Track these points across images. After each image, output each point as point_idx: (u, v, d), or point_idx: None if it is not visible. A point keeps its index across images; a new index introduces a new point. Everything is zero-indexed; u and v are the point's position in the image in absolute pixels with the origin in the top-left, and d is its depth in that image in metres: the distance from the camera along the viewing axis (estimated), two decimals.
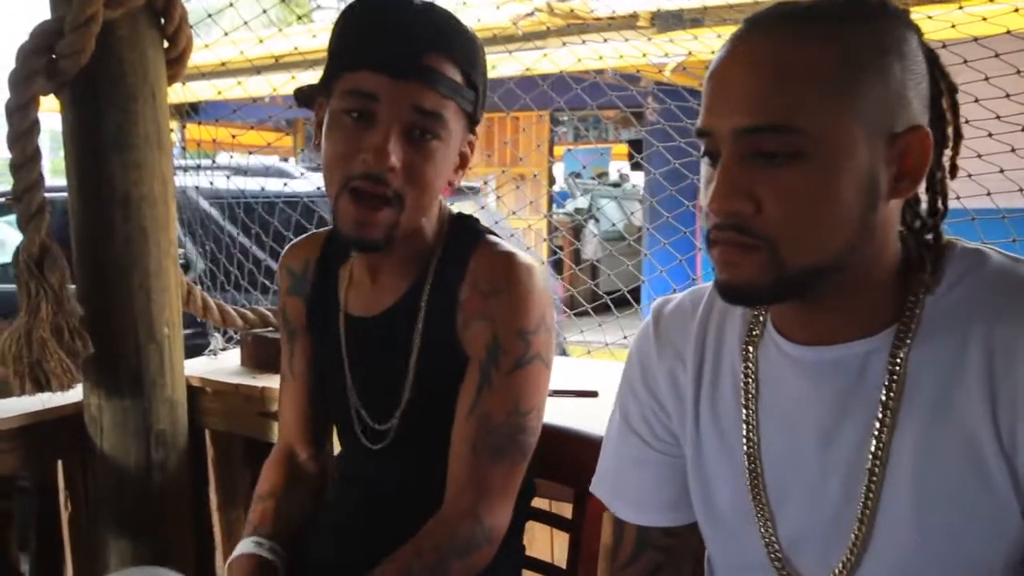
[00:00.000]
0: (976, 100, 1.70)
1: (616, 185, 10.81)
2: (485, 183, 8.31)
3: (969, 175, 2.07)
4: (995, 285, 0.76)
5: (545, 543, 1.60)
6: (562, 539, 1.32)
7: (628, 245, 4.65)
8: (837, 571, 0.81)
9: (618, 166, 12.02)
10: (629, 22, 5.24)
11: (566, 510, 1.30)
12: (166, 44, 1.68)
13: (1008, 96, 1.73)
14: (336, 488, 1.30)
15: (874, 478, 0.78)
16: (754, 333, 0.88)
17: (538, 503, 1.31)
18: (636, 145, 8.92)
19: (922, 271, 0.78)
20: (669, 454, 0.96)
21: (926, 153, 0.74)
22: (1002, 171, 1.79)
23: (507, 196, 7.48)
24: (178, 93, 1.84)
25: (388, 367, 1.18)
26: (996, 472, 0.73)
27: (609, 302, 2.26)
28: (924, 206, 0.82)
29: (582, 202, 9.74)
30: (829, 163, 0.71)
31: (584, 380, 1.79)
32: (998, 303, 0.74)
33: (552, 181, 9.38)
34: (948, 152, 0.79)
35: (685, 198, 2.75)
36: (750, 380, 0.87)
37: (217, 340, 2.06)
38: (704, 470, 0.92)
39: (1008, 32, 1.82)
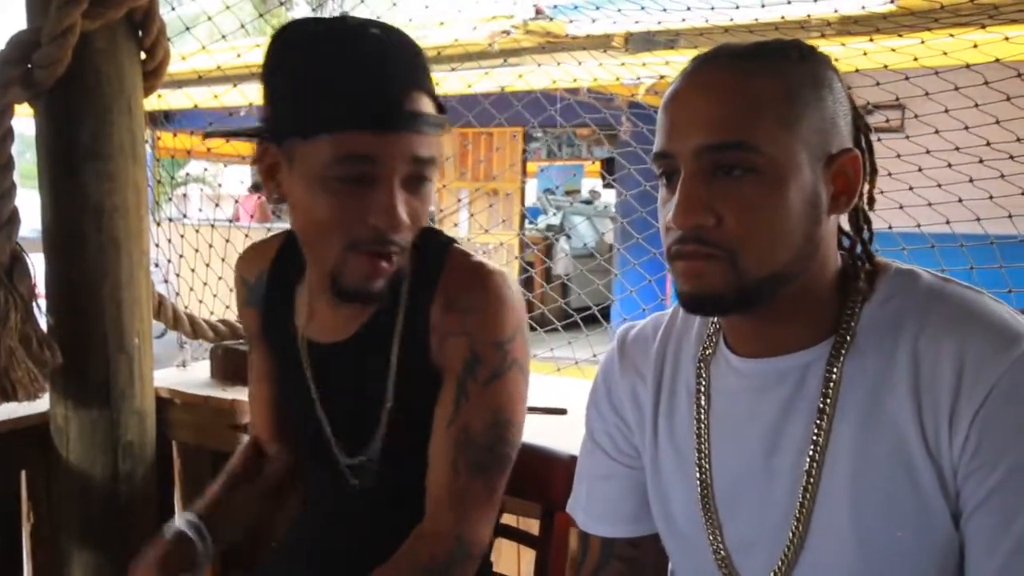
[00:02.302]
0: (936, 131, 1.75)
1: (588, 203, 10.88)
2: (459, 200, 8.36)
3: (929, 204, 2.14)
4: (923, 300, 0.82)
5: (512, 559, 1.61)
6: (528, 555, 1.34)
7: (599, 264, 4.68)
8: (776, 570, 0.86)
9: (591, 184, 12.10)
10: (603, 42, 5.30)
11: (533, 526, 1.32)
12: (143, 56, 1.68)
13: (967, 128, 1.79)
14: (304, 519, 1.27)
15: (811, 479, 0.83)
16: (707, 351, 0.94)
17: (505, 519, 1.32)
18: (609, 163, 9.00)
19: (856, 288, 0.84)
20: (632, 467, 1.01)
21: (858, 172, 0.83)
22: (960, 200, 1.85)
23: (480, 213, 7.51)
24: (151, 101, 1.83)
25: (361, 396, 1.14)
26: (924, 475, 0.78)
27: (579, 320, 2.28)
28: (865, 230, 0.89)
29: (554, 219, 9.79)
30: (779, 180, 0.79)
31: (553, 398, 1.80)
32: (924, 316, 0.80)
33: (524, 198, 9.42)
34: (866, 185, 0.87)
35: (655, 219, 2.79)
36: (702, 395, 0.93)
37: (187, 351, 2.05)
38: (661, 482, 0.97)
39: (967, 66, 1.89)
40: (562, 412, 1.73)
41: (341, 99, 0.97)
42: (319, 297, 1.16)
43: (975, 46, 1.89)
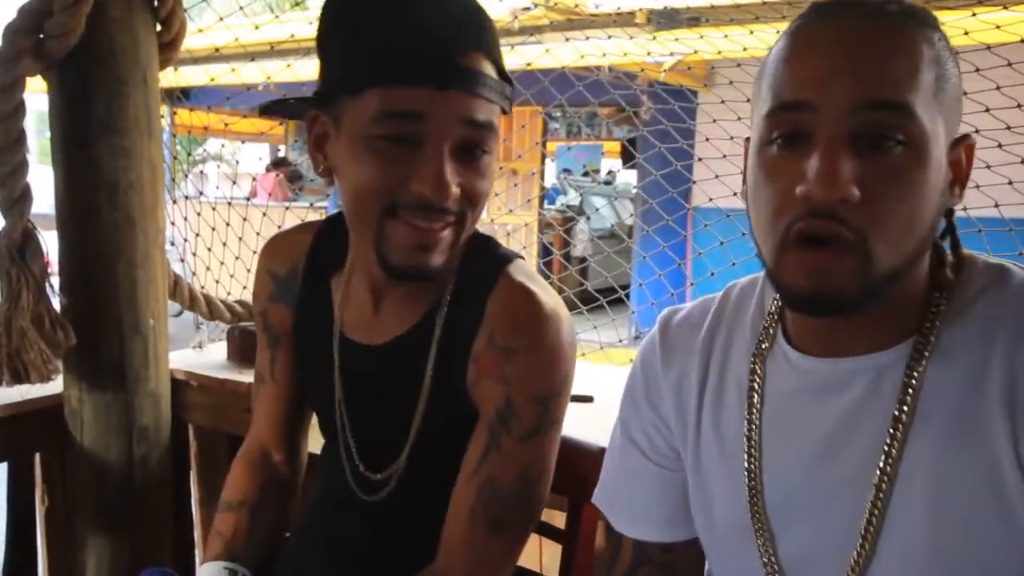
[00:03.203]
0: (987, 110, 1.67)
1: (608, 183, 10.78)
2: None
3: (977, 186, 2.06)
4: (1019, 300, 0.73)
5: (534, 553, 1.56)
6: (551, 548, 1.29)
7: (619, 243, 4.62)
8: None
9: (610, 164, 12.00)
10: (626, 19, 5.21)
11: (557, 518, 1.27)
12: (159, 27, 1.63)
13: (1020, 106, 1.71)
14: (327, 519, 1.19)
15: (881, 494, 0.74)
16: (763, 346, 0.85)
17: None
18: (630, 143, 8.89)
19: (945, 283, 0.76)
20: (669, 468, 0.94)
21: (971, 163, 0.75)
22: (1011, 183, 1.77)
23: (502, 193, 7.45)
24: (168, 77, 1.78)
25: (391, 408, 1.07)
26: (1016, 498, 0.70)
27: (604, 303, 2.22)
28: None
29: (574, 199, 9.71)
30: (925, 157, 0.69)
31: (578, 384, 1.75)
32: (1021, 322, 0.71)
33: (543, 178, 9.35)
34: None
35: (680, 199, 2.74)
36: (755, 393, 0.84)
37: (203, 332, 2.01)
38: (705, 485, 0.89)
39: (1022, 40, 1.80)
40: (588, 400, 1.67)
41: (391, 52, 0.90)
42: (362, 290, 1.08)
43: (966, 33, 1.79)
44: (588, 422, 1.28)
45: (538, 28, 5.15)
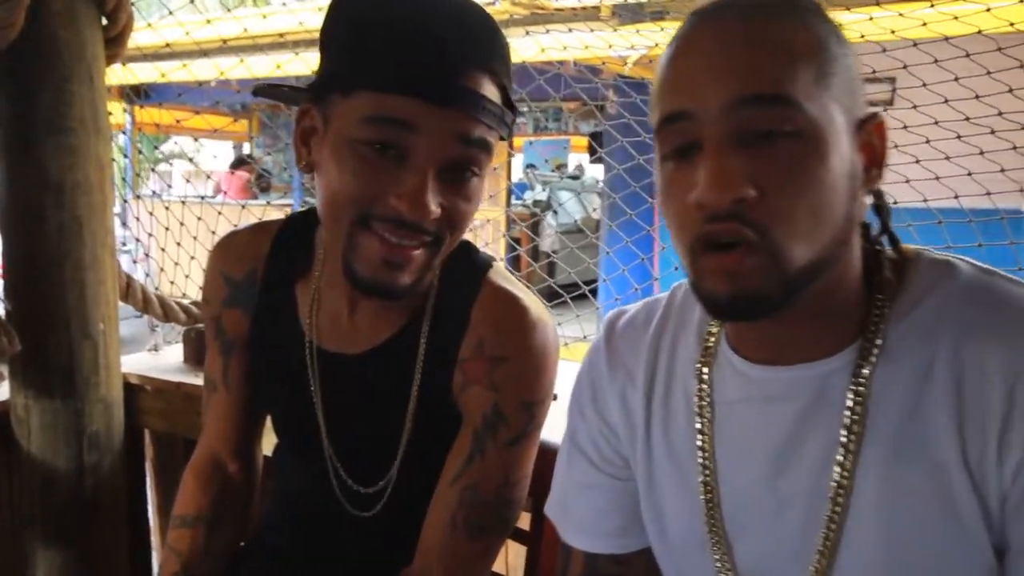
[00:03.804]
0: (946, 101, 1.67)
1: (575, 178, 10.79)
2: None
3: (937, 177, 2.07)
4: (964, 299, 0.70)
5: (500, 554, 1.54)
6: (517, 549, 1.27)
7: (587, 240, 4.61)
8: None
9: (578, 159, 12.00)
10: (591, 13, 5.20)
11: (523, 520, 1.24)
12: (104, 22, 1.57)
13: (978, 97, 1.71)
14: (286, 532, 1.15)
15: (837, 507, 0.72)
16: (708, 352, 0.82)
17: None
18: (595, 138, 8.90)
19: (886, 285, 0.73)
20: (619, 477, 0.90)
21: (884, 141, 0.72)
22: (970, 174, 1.78)
23: None
24: (127, 75, 1.73)
25: (377, 419, 1.04)
26: (965, 505, 0.68)
27: (568, 300, 2.21)
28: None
29: (541, 194, 9.70)
30: (821, 144, 0.67)
31: None
32: (967, 318, 0.69)
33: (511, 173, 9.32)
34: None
35: (646, 194, 2.73)
36: (704, 403, 0.81)
37: (158, 335, 1.96)
38: (657, 496, 0.86)
39: (979, 32, 1.81)
40: (552, 398, 1.65)
41: (390, 57, 0.85)
42: (336, 296, 1.04)
43: (988, 10, 1.80)
44: (553, 421, 1.25)
45: (502, 23, 5.12)
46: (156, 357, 1.91)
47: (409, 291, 0.93)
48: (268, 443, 1.22)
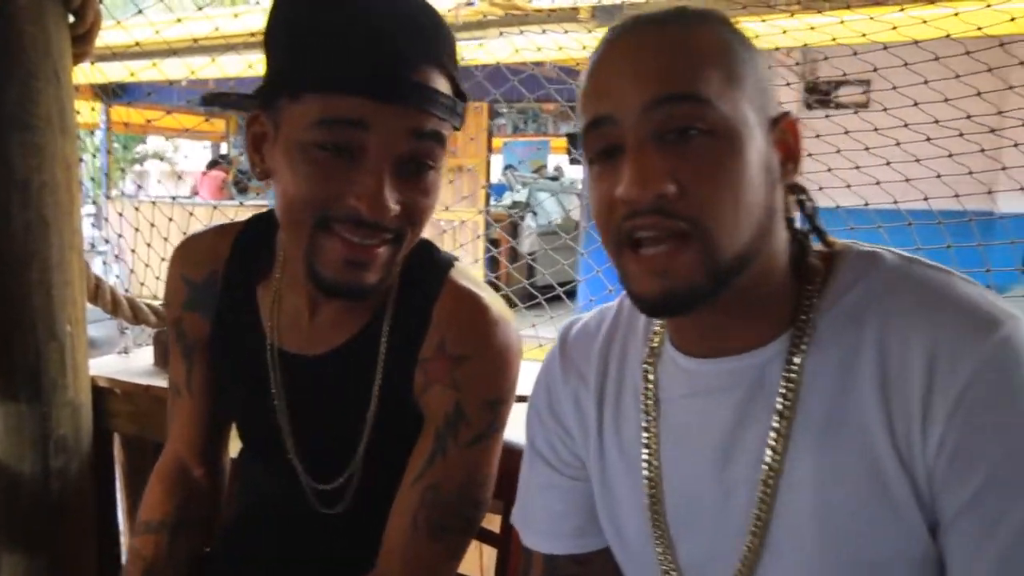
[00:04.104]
0: (916, 104, 1.69)
1: (554, 179, 10.80)
2: None
3: (907, 180, 2.09)
4: (888, 285, 0.73)
5: (473, 556, 1.53)
6: (490, 552, 1.26)
7: (565, 241, 4.61)
8: None
9: (557, 160, 12.02)
10: (569, 15, 5.21)
11: (495, 523, 1.24)
12: (71, 19, 1.55)
13: (947, 100, 1.73)
14: (252, 536, 1.14)
15: (767, 489, 0.74)
16: (653, 351, 0.84)
17: None
18: (572, 139, 8.91)
19: (813, 272, 0.76)
20: (576, 478, 0.92)
21: (798, 138, 0.77)
22: (939, 176, 1.79)
23: (445, 188, 7.40)
24: (96, 74, 1.71)
25: (338, 419, 1.03)
26: (896, 483, 0.69)
27: (543, 301, 2.20)
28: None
29: (520, 195, 9.70)
30: (736, 141, 0.71)
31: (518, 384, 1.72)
32: (891, 303, 0.72)
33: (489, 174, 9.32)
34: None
35: None
36: (650, 400, 0.83)
37: (128, 337, 1.94)
38: (610, 496, 0.88)
39: (948, 36, 1.83)
40: (525, 400, 1.65)
41: (336, 57, 0.84)
42: (296, 298, 1.04)
43: (956, 14, 1.82)
44: (524, 423, 1.25)
45: (481, 24, 5.12)
46: (126, 360, 1.89)
47: (374, 289, 0.92)
48: (235, 446, 1.21)
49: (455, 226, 6.78)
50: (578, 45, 3.31)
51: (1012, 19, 1.84)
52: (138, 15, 2.18)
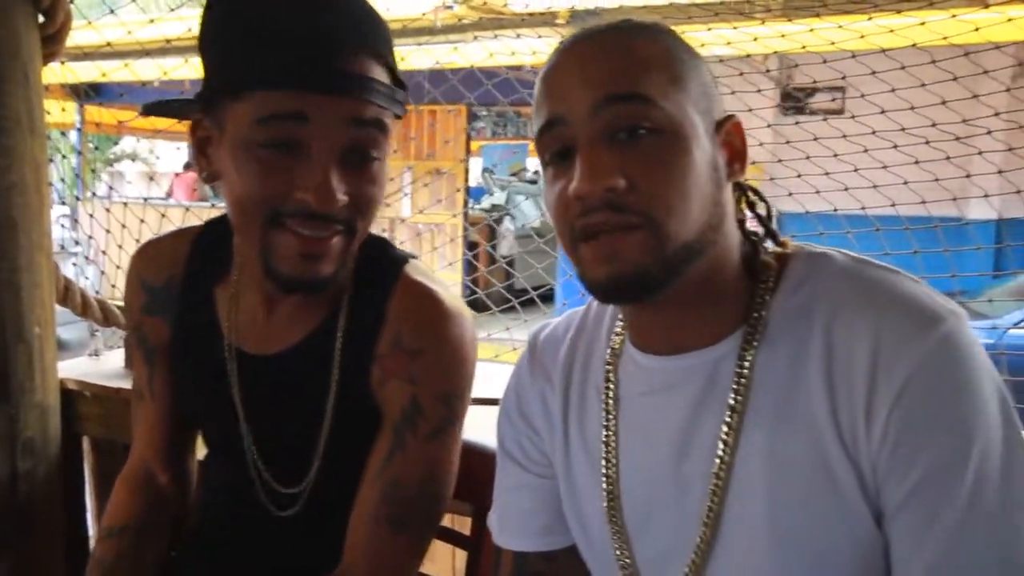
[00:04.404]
0: (883, 112, 1.72)
1: (532, 182, 10.82)
2: (403, 178, 8.21)
3: (874, 186, 2.13)
4: (836, 283, 0.76)
5: (447, 561, 1.54)
6: (463, 556, 1.27)
7: (545, 243, 4.62)
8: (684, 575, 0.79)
9: (535, 163, 12.04)
10: (546, 19, 5.23)
11: (465, 525, 1.24)
12: (41, 19, 1.54)
13: (913, 108, 1.76)
14: (211, 528, 1.14)
15: (719, 482, 0.76)
16: (615, 350, 0.87)
17: None
18: None
19: (764, 268, 0.79)
20: (545, 476, 0.94)
21: (743, 140, 0.80)
22: (906, 182, 1.82)
23: (423, 193, 7.39)
24: (67, 74, 1.70)
25: (297, 417, 1.03)
26: (842, 474, 0.71)
27: (517, 305, 2.21)
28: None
29: (499, 199, 9.71)
30: (682, 139, 0.74)
31: (489, 387, 1.73)
32: (839, 299, 0.74)
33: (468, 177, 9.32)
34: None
35: None
36: (610, 398, 0.85)
37: (99, 339, 1.92)
38: (576, 493, 0.90)
39: (914, 45, 1.86)
40: (496, 403, 1.65)
41: (271, 53, 0.85)
42: (253, 298, 1.04)
43: (922, 24, 1.85)
44: (490, 425, 1.25)
45: (459, 27, 5.13)
46: (96, 362, 1.87)
47: (331, 281, 0.93)
48: (203, 450, 1.21)
49: (432, 229, 6.78)
50: (551, 50, 3.32)
51: (976, 29, 1.88)
52: (110, 15, 2.17)
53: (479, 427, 1.24)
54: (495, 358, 2.37)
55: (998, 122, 2.01)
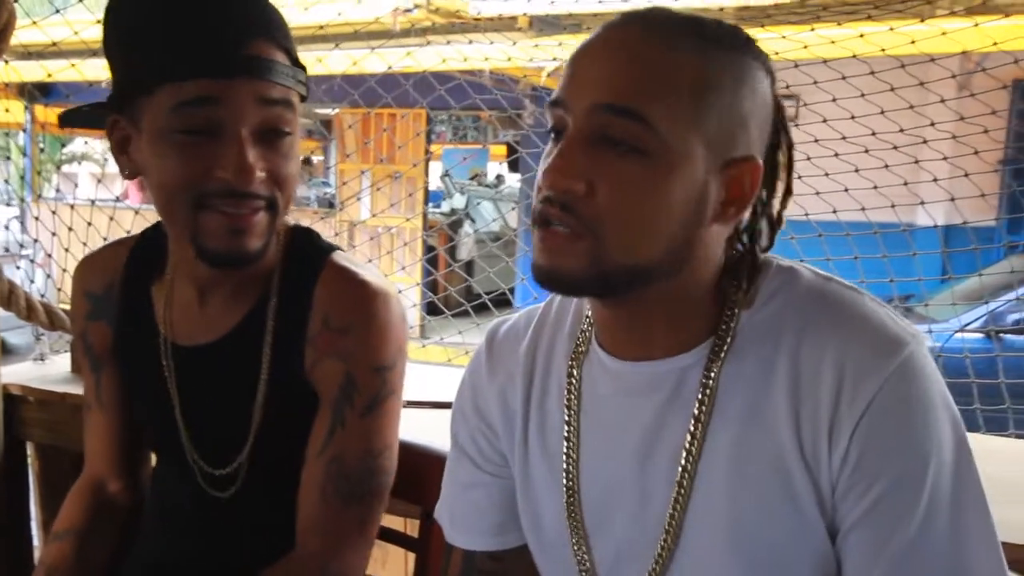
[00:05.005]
0: (824, 120, 1.76)
1: (494, 186, 10.84)
2: (361, 180, 8.17)
3: (817, 192, 2.18)
4: (804, 301, 0.76)
5: (399, 564, 1.54)
6: (412, 558, 1.27)
7: (503, 247, 4.63)
8: None
9: (496, 167, 12.06)
10: (508, 24, 5.25)
11: (413, 527, 1.25)
12: None
13: (853, 117, 1.81)
14: (161, 537, 1.14)
15: (682, 489, 0.77)
16: (579, 350, 0.87)
17: (391, 522, 1.24)
18: (512, 147, 8.97)
19: (738, 287, 0.79)
20: (499, 475, 0.94)
21: (755, 185, 0.76)
22: (847, 190, 1.87)
23: (383, 196, 7.36)
24: (11, 73, 1.67)
25: (228, 404, 1.06)
26: (801, 488, 0.73)
27: (470, 308, 2.22)
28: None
29: (458, 201, 9.71)
30: (667, 166, 0.72)
31: (442, 390, 1.74)
32: (805, 318, 0.75)
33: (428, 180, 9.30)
34: (777, 203, 0.81)
35: None
36: (573, 398, 0.85)
37: (44, 343, 1.89)
38: (531, 492, 0.90)
39: (854, 56, 1.91)
40: (448, 406, 1.66)
41: (176, 47, 0.91)
42: (186, 292, 1.07)
43: (861, 36, 1.90)
44: (436, 427, 1.26)
45: (421, 30, 5.13)
46: (41, 367, 1.85)
47: (259, 255, 0.97)
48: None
49: (392, 232, 6.75)
50: (503, 56, 3.34)
51: (912, 42, 1.94)
52: (56, 15, 2.13)
53: (430, 430, 1.25)
54: (448, 362, 2.37)
55: (935, 132, 2.07)
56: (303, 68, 0.99)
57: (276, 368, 1.04)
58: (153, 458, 1.21)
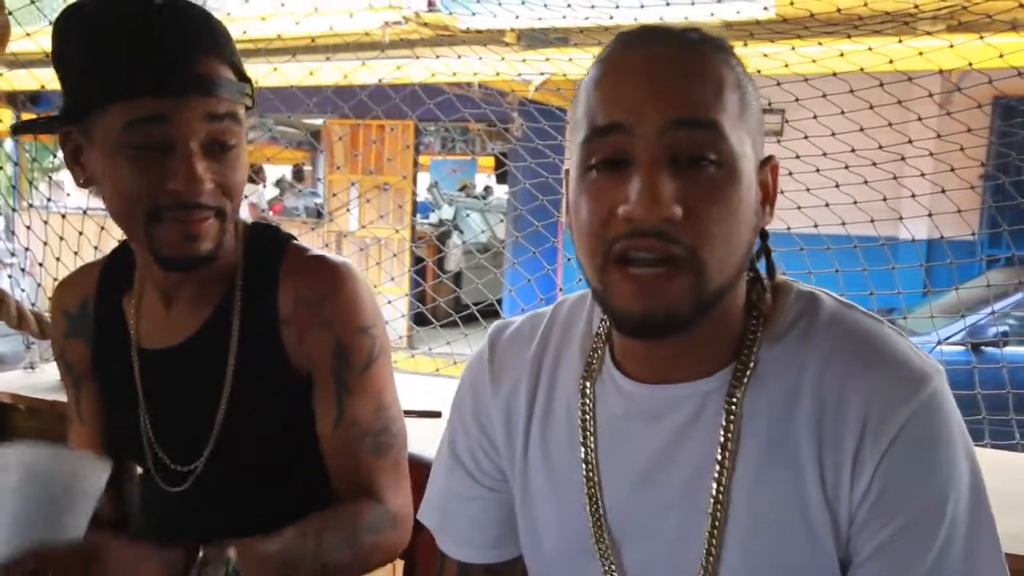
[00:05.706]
0: (806, 137, 1.79)
1: (482, 198, 10.86)
2: (351, 190, 8.18)
3: (799, 207, 2.21)
4: (828, 330, 0.76)
5: (386, 572, 1.55)
6: (400, 565, 1.29)
7: (491, 259, 4.65)
8: None
9: (484, 179, 12.09)
10: (495, 37, 5.29)
11: None
12: None
13: (834, 134, 1.84)
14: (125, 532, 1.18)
15: (716, 521, 0.76)
16: (592, 368, 0.84)
17: None
18: (502, 157, 9.00)
19: (760, 311, 0.78)
20: (496, 489, 0.92)
21: (776, 184, 0.78)
22: (827, 204, 1.90)
23: (372, 207, 7.37)
24: (10, 81, 1.68)
25: (192, 401, 1.08)
26: (819, 519, 0.73)
27: (458, 319, 2.25)
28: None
29: (447, 212, 9.73)
30: (737, 172, 0.71)
31: (428, 399, 1.76)
32: (829, 348, 0.75)
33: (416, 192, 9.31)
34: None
35: (550, 208, 2.85)
36: (588, 417, 0.83)
37: (35, 352, 1.90)
38: (533, 508, 0.88)
39: (834, 75, 1.95)
40: (436, 415, 1.68)
41: (127, 67, 0.95)
42: (153, 298, 1.11)
43: (841, 55, 1.94)
44: (436, 438, 1.27)
45: (410, 43, 5.15)
46: (31, 375, 1.86)
47: (213, 256, 1.02)
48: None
49: (381, 243, 6.77)
50: (492, 70, 3.37)
51: (890, 61, 1.99)
52: (46, 24, 2.13)
53: (420, 440, 1.26)
54: (436, 372, 2.39)
55: (915, 149, 2.12)
56: (248, 81, 1.04)
57: (245, 357, 1.07)
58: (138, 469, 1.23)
